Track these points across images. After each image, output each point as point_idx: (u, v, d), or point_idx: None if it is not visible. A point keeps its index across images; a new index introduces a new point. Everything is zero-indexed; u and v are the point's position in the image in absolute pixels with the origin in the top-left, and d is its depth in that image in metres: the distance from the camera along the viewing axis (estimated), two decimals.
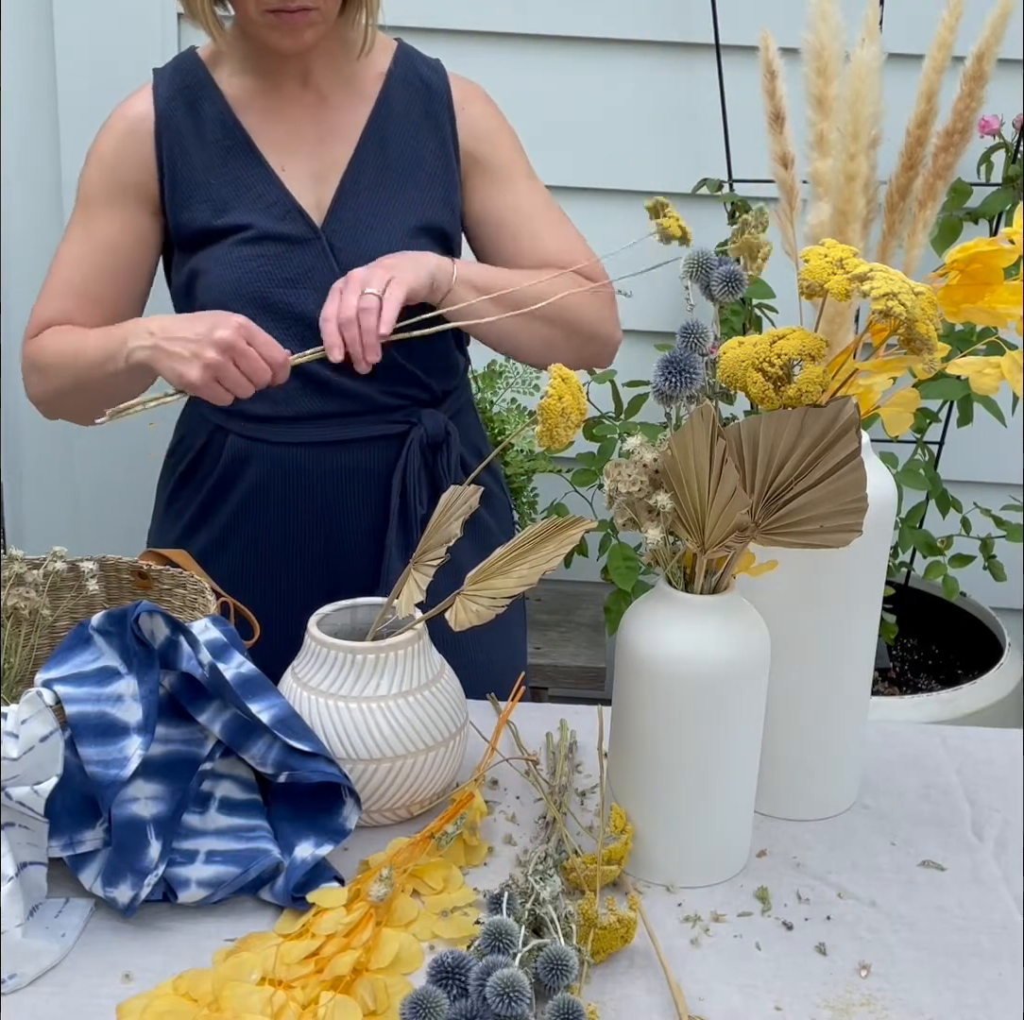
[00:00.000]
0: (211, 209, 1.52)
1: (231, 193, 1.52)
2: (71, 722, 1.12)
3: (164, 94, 1.54)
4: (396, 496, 1.56)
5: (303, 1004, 1.01)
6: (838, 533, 1.10)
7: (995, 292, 1.14)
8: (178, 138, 1.53)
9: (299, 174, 1.53)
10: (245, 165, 1.53)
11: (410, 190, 1.55)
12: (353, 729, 1.20)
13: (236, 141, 1.53)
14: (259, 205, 1.52)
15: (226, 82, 1.55)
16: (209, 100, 1.54)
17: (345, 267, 1.50)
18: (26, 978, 1.04)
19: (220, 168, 1.52)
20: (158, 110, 1.53)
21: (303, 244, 1.51)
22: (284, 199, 1.52)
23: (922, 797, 1.33)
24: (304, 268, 1.51)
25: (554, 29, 2.33)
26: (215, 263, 1.51)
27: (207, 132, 1.53)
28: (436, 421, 1.57)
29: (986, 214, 2.26)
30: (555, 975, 0.99)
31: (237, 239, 1.51)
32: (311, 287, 1.50)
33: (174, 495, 1.65)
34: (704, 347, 1.10)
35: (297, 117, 1.55)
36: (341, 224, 1.52)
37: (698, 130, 2.36)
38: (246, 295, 1.50)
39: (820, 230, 1.27)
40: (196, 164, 1.52)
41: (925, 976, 1.09)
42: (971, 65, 1.24)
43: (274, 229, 1.51)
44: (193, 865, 1.13)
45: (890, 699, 2.24)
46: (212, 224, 1.51)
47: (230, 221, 1.51)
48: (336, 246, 1.52)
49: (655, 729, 1.14)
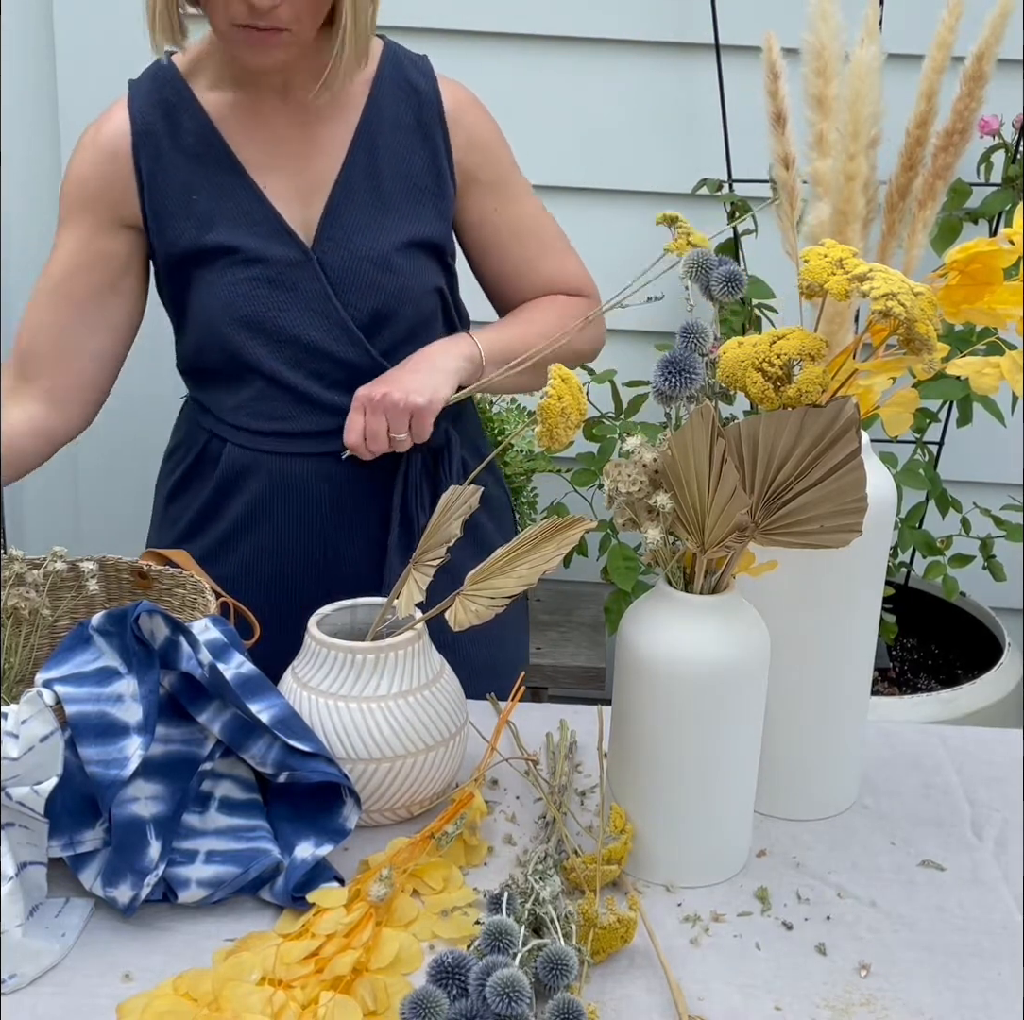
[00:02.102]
0: (195, 226, 1.48)
1: (215, 208, 1.48)
2: (71, 722, 1.12)
3: (140, 107, 1.49)
4: (397, 505, 1.55)
5: (303, 1004, 1.01)
6: (838, 533, 1.10)
7: (995, 293, 1.14)
8: (156, 154, 1.48)
9: (283, 191, 1.50)
10: (228, 180, 1.49)
11: (401, 204, 1.51)
12: (353, 729, 1.20)
13: (218, 155, 1.49)
14: (245, 222, 1.48)
15: (205, 94, 1.49)
16: (188, 113, 1.49)
17: (337, 287, 1.48)
18: (26, 978, 1.04)
19: (202, 183, 1.48)
20: (135, 125, 1.48)
21: (294, 267, 1.48)
22: (271, 217, 1.49)
23: (922, 797, 1.33)
24: (296, 291, 1.49)
25: (554, 29, 2.33)
26: (205, 285, 1.49)
27: (187, 146, 1.48)
28: (436, 427, 1.57)
29: (986, 214, 2.26)
30: (555, 975, 0.99)
31: (227, 262, 1.48)
32: (303, 308, 1.49)
33: (172, 499, 1.64)
34: (704, 347, 1.10)
35: (279, 131, 1.50)
36: (332, 243, 1.49)
37: (698, 130, 2.36)
38: (238, 318, 1.48)
39: (820, 230, 1.27)
40: (177, 180, 1.48)
41: (925, 976, 1.09)
42: (971, 65, 1.24)
43: (264, 251, 1.48)
44: (193, 865, 1.13)
45: (890, 699, 2.24)
46: (199, 242, 1.48)
47: (218, 240, 1.48)
48: (327, 266, 1.49)
49: (655, 729, 1.14)
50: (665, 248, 1.22)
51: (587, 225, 2.39)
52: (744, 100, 2.24)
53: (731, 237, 2.31)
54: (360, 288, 1.49)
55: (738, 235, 2.31)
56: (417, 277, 1.52)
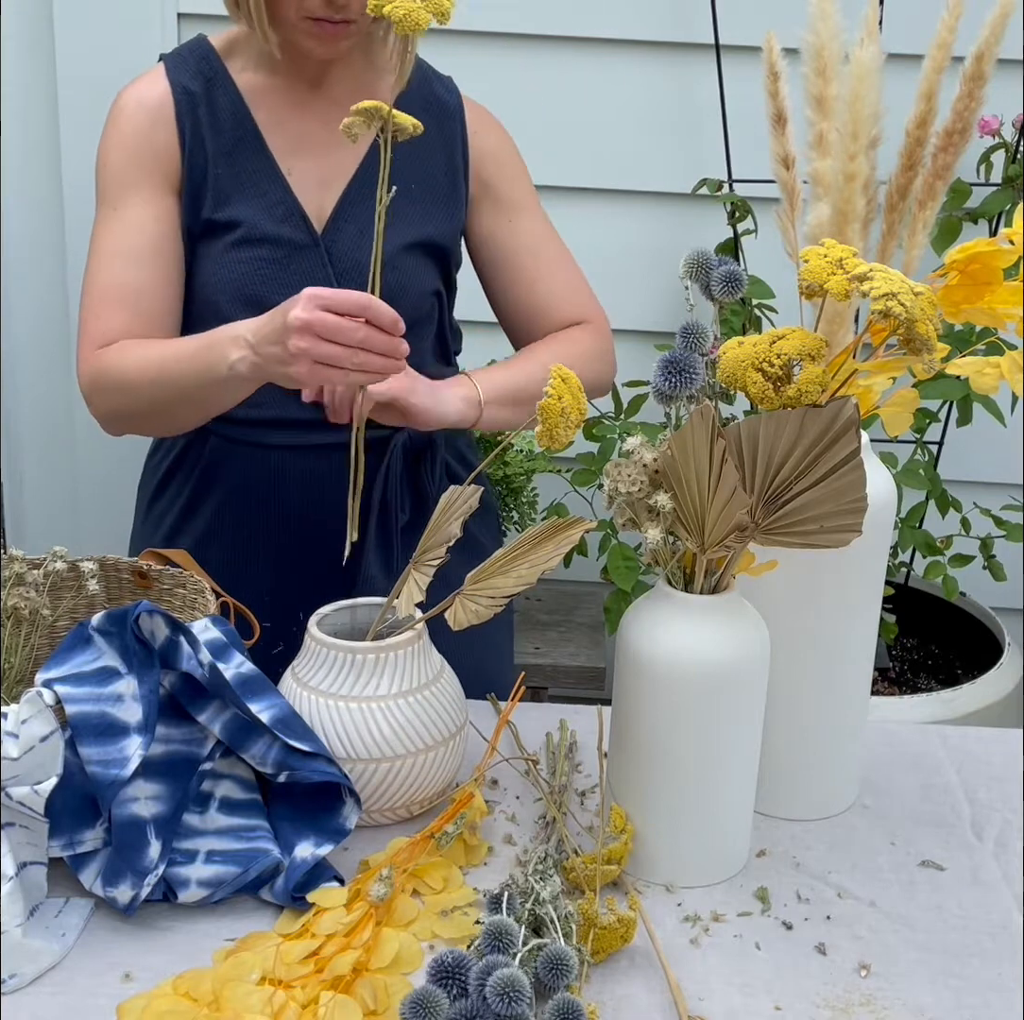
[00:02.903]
0: (213, 200, 1.50)
1: (234, 186, 1.50)
2: (71, 722, 1.12)
3: (179, 79, 1.51)
4: (377, 502, 1.55)
5: (303, 1004, 1.01)
6: (838, 533, 1.10)
7: (995, 293, 1.14)
8: (195, 121, 1.50)
9: (305, 178, 1.52)
10: (253, 160, 1.51)
11: (414, 205, 1.54)
12: (353, 729, 1.20)
13: (247, 135, 1.51)
14: (261, 203, 1.50)
15: (239, 74, 1.53)
16: (222, 88, 1.52)
17: (341, 276, 1.49)
18: (26, 978, 1.04)
19: (227, 159, 1.51)
20: (176, 94, 1.50)
21: (301, 251, 1.50)
22: (288, 201, 1.51)
23: (922, 797, 1.33)
24: (300, 275, 1.50)
25: (555, 29, 2.33)
26: (211, 261, 1.50)
27: (220, 120, 1.51)
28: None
29: (986, 214, 2.26)
30: (555, 975, 0.99)
31: (235, 238, 1.49)
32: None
33: (155, 497, 1.64)
34: (704, 347, 1.11)
35: (307, 120, 1.54)
36: (340, 234, 1.52)
37: (698, 130, 2.36)
38: (240, 296, 1.49)
39: (820, 230, 1.27)
40: (207, 152, 1.50)
41: (925, 976, 1.09)
42: (971, 65, 1.24)
43: (274, 232, 1.50)
44: (193, 865, 1.13)
45: (890, 699, 2.24)
46: (211, 216, 1.50)
47: (229, 215, 1.49)
48: (334, 255, 1.51)
49: (655, 729, 1.14)
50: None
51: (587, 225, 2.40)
52: (744, 100, 2.24)
53: (731, 237, 2.31)
54: (361, 280, 1.50)
55: (738, 235, 2.31)
56: (418, 277, 1.54)
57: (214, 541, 1.58)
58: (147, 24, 2.33)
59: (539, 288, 1.61)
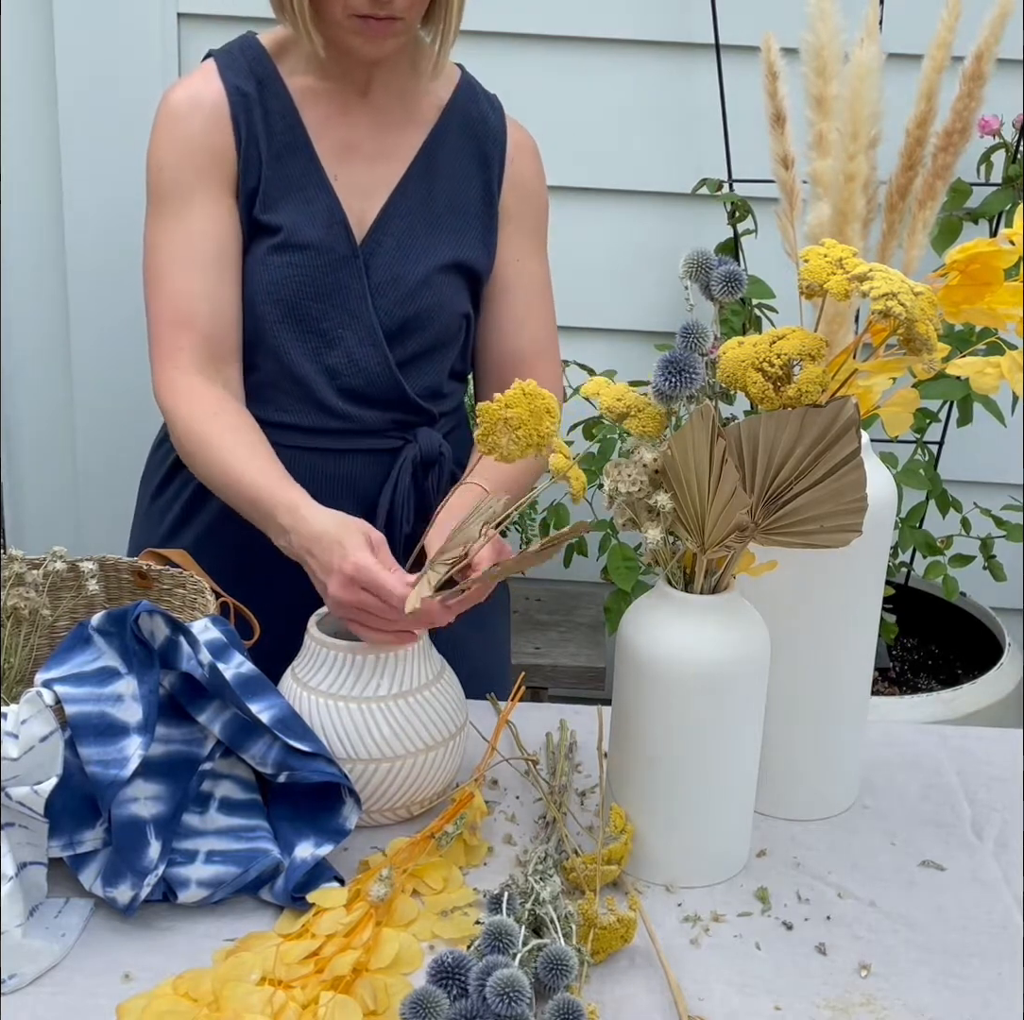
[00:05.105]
0: (259, 202, 1.48)
1: (280, 190, 1.49)
2: (71, 722, 1.12)
3: (233, 79, 1.49)
4: (384, 511, 1.55)
5: (303, 1004, 1.01)
6: (838, 533, 1.10)
7: (995, 293, 1.14)
8: (249, 121, 1.48)
9: (350, 186, 1.51)
10: (301, 164, 1.50)
11: (451, 224, 1.53)
12: (353, 729, 1.20)
13: (296, 139, 1.50)
14: (306, 209, 1.49)
15: (289, 77, 1.51)
16: (273, 90, 1.50)
17: (375, 289, 1.49)
18: (26, 978, 1.04)
19: (275, 162, 1.49)
20: (230, 94, 1.48)
21: (340, 260, 1.49)
22: (334, 208, 1.49)
23: (922, 797, 1.33)
24: (337, 285, 1.49)
25: (554, 29, 2.33)
26: (252, 260, 1.49)
27: (271, 122, 1.49)
28: (431, 439, 1.56)
29: (986, 214, 2.26)
30: (555, 975, 0.99)
31: (276, 242, 1.48)
32: (338, 304, 1.49)
33: (160, 490, 1.63)
34: (704, 347, 1.11)
35: (355, 127, 1.52)
36: (379, 246, 1.50)
37: (698, 130, 2.36)
38: (274, 300, 1.48)
39: (820, 230, 1.27)
40: (257, 151, 1.48)
41: (925, 976, 1.09)
42: (970, 65, 1.24)
43: (315, 238, 1.48)
44: (193, 865, 1.13)
45: (890, 699, 2.24)
46: (256, 217, 1.48)
47: (276, 220, 1.48)
48: (371, 267, 1.50)
49: (655, 729, 1.14)
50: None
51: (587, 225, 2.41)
52: (744, 100, 2.24)
53: (731, 237, 2.31)
54: (396, 296, 1.50)
55: (738, 235, 2.31)
56: (451, 298, 1.53)
57: (217, 536, 1.58)
58: (147, 24, 2.32)
59: (525, 333, 1.59)
